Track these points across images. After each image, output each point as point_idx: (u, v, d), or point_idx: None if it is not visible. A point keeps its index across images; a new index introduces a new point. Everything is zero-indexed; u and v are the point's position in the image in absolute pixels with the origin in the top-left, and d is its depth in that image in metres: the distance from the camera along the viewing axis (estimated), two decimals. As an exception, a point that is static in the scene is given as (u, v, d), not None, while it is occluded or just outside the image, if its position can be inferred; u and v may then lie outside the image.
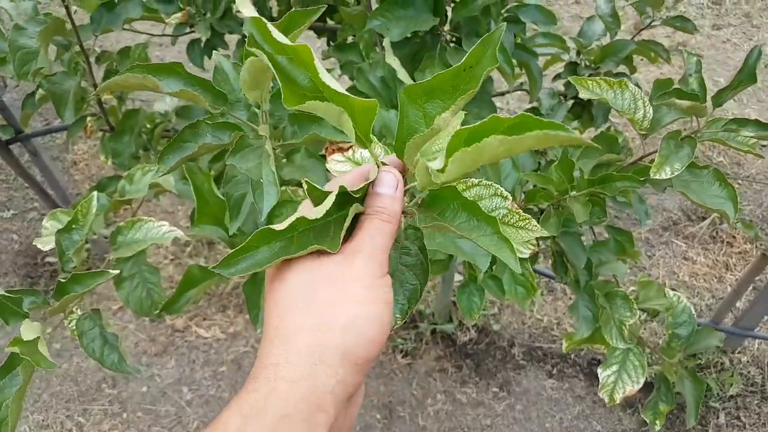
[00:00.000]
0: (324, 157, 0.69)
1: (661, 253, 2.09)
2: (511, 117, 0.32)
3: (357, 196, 0.40)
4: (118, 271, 0.78)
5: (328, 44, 1.29)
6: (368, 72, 0.99)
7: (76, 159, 2.38)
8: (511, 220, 0.63)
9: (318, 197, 0.39)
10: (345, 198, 0.39)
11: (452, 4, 0.99)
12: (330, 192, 0.38)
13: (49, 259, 2.09)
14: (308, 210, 0.39)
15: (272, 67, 0.35)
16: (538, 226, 0.64)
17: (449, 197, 0.41)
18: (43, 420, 1.67)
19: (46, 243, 0.95)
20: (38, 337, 0.69)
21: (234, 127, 0.68)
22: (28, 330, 0.70)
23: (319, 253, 0.37)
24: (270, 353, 0.34)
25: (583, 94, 0.82)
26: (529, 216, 0.60)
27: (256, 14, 0.35)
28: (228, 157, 0.62)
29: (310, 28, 1.30)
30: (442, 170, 0.37)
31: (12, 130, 1.76)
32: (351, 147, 0.61)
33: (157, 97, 1.33)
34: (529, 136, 0.31)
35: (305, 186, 0.38)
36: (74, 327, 0.83)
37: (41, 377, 1.77)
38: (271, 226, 0.37)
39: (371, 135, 0.40)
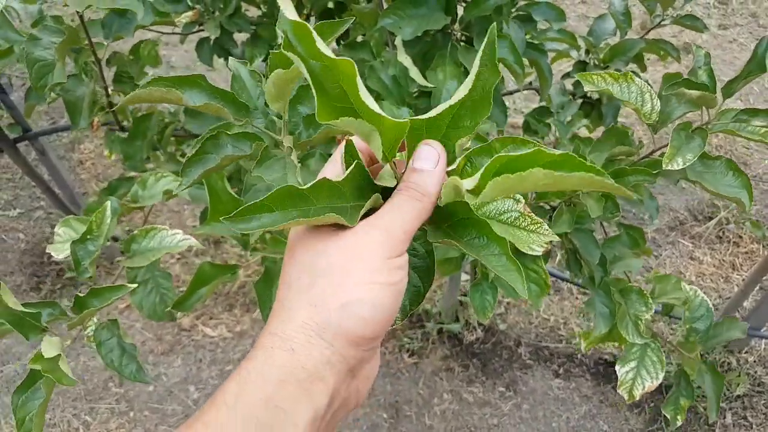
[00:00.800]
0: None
1: (667, 252, 2.09)
2: (554, 152, 0.32)
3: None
4: (135, 285, 0.78)
5: (338, 42, 1.29)
6: (380, 70, 0.99)
7: (82, 158, 2.39)
8: (523, 224, 0.63)
9: (349, 161, 0.38)
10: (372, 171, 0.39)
11: (464, 4, 0.99)
12: (358, 160, 0.38)
13: (55, 259, 2.09)
14: (332, 172, 0.38)
15: (309, 79, 0.34)
16: (549, 230, 0.65)
17: (460, 212, 0.41)
18: (50, 419, 1.67)
19: (59, 251, 0.94)
20: (59, 355, 0.69)
21: (254, 137, 0.68)
22: (49, 347, 0.70)
23: (338, 226, 0.36)
24: (271, 324, 0.34)
25: (588, 88, 0.82)
26: (541, 220, 0.60)
27: (298, 18, 0.33)
28: (254, 169, 0.62)
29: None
30: (475, 191, 0.36)
31: (20, 128, 1.77)
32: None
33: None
34: (576, 177, 0.32)
35: (344, 145, 0.38)
36: (92, 335, 0.83)
37: (48, 376, 1.77)
38: (294, 185, 0.35)
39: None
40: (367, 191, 0.39)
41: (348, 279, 0.33)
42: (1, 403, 1.68)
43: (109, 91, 1.11)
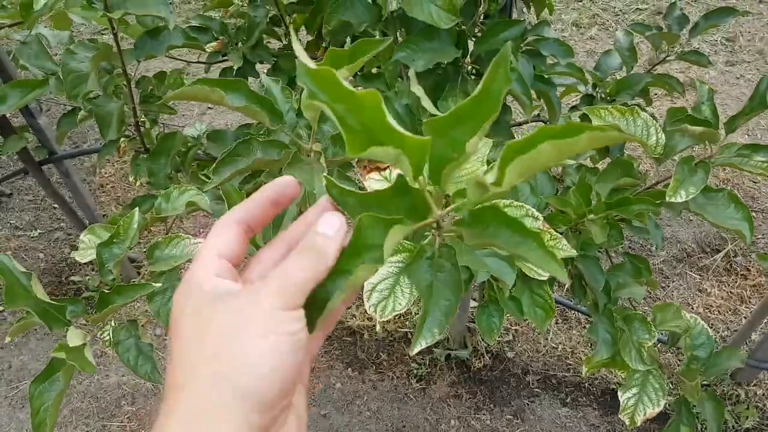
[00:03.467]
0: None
1: (675, 284, 2.10)
2: (559, 125, 0.36)
3: None
4: (160, 284, 0.82)
5: (354, 75, 1.34)
6: (394, 100, 1.04)
7: (102, 182, 2.46)
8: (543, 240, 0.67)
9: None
10: None
11: (474, 38, 1.05)
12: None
13: (73, 278, 2.15)
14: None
15: (336, 121, 0.35)
16: (568, 245, 0.68)
17: (491, 215, 0.44)
18: (62, 435, 1.69)
19: (83, 256, 0.99)
20: (84, 344, 0.73)
21: (282, 145, 0.73)
22: (74, 337, 0.74)
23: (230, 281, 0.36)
24: (169, 390, 0.34)
25: (596, 122, 0.86)
26: (560, 236, 0.64)
27: (314, 65, 0.34)
28: (285, 170, 0.67)
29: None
30: (497, 183, 0.40)
31: (46, 151, 1.84)
32: (388, 167, 0.65)
33: (188, 124, 1.39)
34: (583, 138, 0.33)
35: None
36: (109, 337, 0.87)
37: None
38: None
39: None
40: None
41: (245, 332, 0.32)
42: (17, 418, 1.71)
43: (137, 111, 1.17)
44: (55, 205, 2.37)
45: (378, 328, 1.81)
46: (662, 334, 1.08)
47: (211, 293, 0.34)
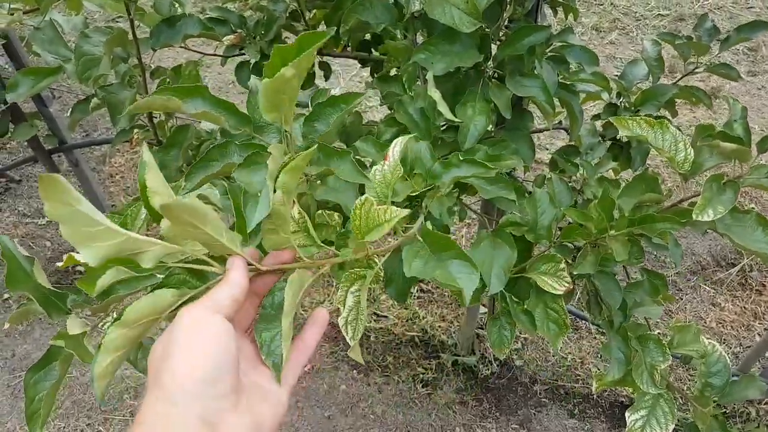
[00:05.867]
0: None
1: (688, 297, 2.06)
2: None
3: None
4: (162, 276, 0.80)
5: (372, 75, 1.32)
6: (408, 104, 1.01)
7: (112, 171, 2.45)
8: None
9: None
10: None
11: (498, 42, 1.01)
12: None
13: (80, 267, 2.13)
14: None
15: None
16: (567, 276, 0.66)
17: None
18: (63, 427, 1.68)
19: (87, 244, 0.97)
20: (84, 332, 0.71)
21: (261, 147, 0.70)
22: (74, 325, 0.71)
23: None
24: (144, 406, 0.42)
25: (624, 133, 0.83)
26: (563, 265, 0.61)
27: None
28: (235, 170, 0.63)
29: (354, 57, 1.33)
30: None
31: (56, 139, 1.83)
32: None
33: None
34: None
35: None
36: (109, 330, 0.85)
37: (64, 384, 1.79)
38: None
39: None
40: None
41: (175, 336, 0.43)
42: (18, 407, 1.71)
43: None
44: (65, 193, 2.35)
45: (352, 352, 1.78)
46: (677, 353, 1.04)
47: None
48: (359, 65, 1.36)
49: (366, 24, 1.01)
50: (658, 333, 1.77)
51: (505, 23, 1.03)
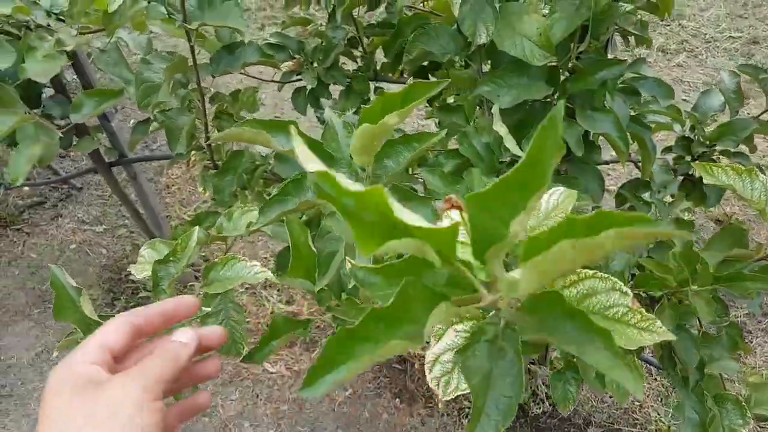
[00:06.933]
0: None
1: (759, 340, 1.93)
2: (587, 215, 0.29)
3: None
4: (209, 309, 0.78)
5: (429, 103, 1.28)
6: (473, 137, 0.97)
7: (168, 182, 2.49)
8: (632, 320, 0.58)
9: None
10: None
11: (567, 74, 0.96)
12: None
13: (131, 276, 2.17)
14: None
15: (344, 217, 0.33)
16: (662, 327, 0.59)
17: (552, 303, 0.37)
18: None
19: (140, 271, 0.96)
20: None
21: None
22: None
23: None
24: None
25: (708, 181, 0.76)
26: (653, 316, 0.55)
27: (321, 168, 0.32)
28: (326, 218, 0.61)
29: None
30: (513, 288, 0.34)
31: (116, 153, 1.86)
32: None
33: (257, 138, 1.35)
34: (607, 237, 0.27)
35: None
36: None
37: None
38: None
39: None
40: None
41: (109, 421, 0.36)
42: None
43: (209, 126, 1.15)
44: (121, 203, 2.41)
45: (440, 405, 1.73)
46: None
47: (84, 380, 0.38)
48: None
49: (430, 53, 0.98)
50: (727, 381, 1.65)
51: (577, 54, 0.98)
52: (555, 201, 0.58)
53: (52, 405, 0.38)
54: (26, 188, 2.49)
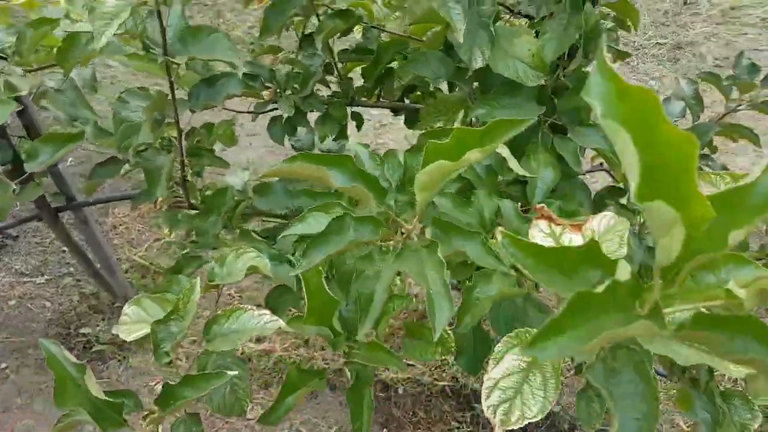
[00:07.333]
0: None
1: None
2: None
3: None
4: (236, 372, 0.72)
5: (406, 122, 1.27)
6: (473, 159, 0.97)
7: (115, 222, 2.35)
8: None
9: None
10: None
11: (556, 94, 0.98)
12: None
13: (83, 330, 2.02)
14: None
15: (638, 158, 0.30)
16: None
17: (742, 326, 0.37)
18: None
19: (128, 332, 0.88)
20: None
21: (377, 222, 0.64)
22: None
23: None
24: None
25: (708, 191, 0.79)
26: None
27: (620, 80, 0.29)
28: (393, 261, 0.58)
29: (390, 107, 1.29)
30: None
31: (64, 197, 1.74)
32: (562, 224, 0.57)
33: (229, 171, 1.29)
34: None
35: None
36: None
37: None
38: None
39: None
40: None
41: None
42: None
43: (185, 164, 1.08)
44: (65, 249, 2.24)
45: None
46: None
47: None
48: (392, 113, 1.32)
49: (421, 78, 0.97)
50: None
51: (562, 73, 1.00)
52: (606, 224, 0.58)
53: None
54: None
